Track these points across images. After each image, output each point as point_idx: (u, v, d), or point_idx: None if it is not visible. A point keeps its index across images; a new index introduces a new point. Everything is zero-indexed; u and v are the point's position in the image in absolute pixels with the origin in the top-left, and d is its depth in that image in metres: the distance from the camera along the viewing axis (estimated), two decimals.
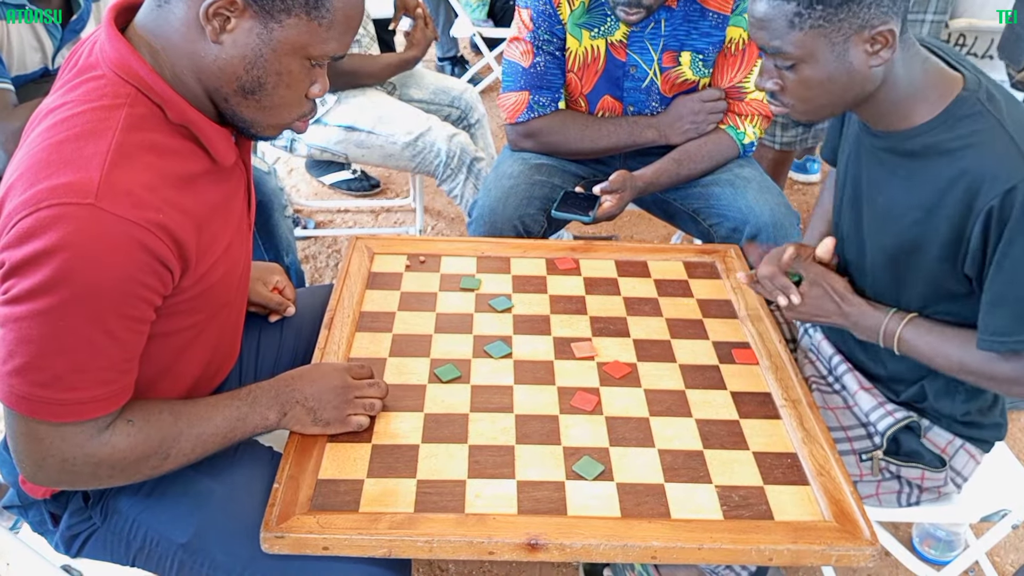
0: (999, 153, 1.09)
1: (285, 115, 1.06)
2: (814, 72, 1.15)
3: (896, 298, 1.28)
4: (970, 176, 1.11)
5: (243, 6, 0.96)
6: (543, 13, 1.81)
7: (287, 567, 1.08)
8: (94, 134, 0.94)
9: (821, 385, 1.43)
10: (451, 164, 2.33)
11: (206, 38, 0.97)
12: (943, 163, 1.15)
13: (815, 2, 1.09)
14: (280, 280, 1.47)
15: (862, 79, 1.15)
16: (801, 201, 3.23)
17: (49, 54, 1.73)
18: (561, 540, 1.05)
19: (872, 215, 1.29)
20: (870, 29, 1.10)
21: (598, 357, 1.39)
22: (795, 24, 1.11)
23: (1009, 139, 1.10)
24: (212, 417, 1.10)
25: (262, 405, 1.14)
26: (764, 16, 1.14)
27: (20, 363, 0.92)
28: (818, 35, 1.11)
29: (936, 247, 1.18)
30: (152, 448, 1.04)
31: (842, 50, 1.12)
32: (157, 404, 1.07)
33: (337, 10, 0.99)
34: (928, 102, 1.16)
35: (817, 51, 1.13)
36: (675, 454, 1.20)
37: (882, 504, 1.36)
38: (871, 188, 1.28)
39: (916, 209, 1.19)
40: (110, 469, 1.02)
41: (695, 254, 1.70)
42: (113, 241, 0.90)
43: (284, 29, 0.98)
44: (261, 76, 1.00)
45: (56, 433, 0.97)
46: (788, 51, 1.14)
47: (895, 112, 1.19)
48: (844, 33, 1.11)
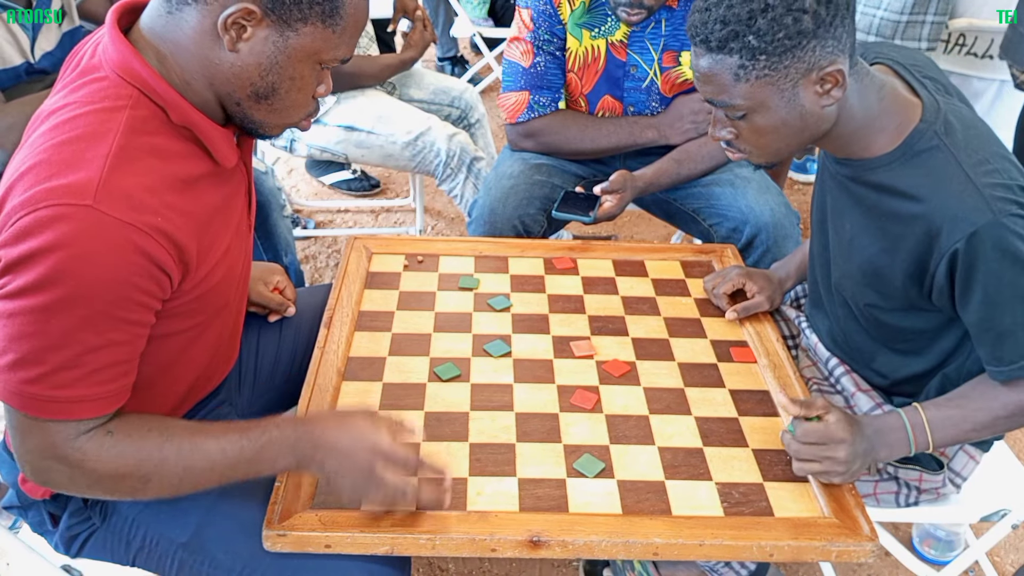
0: (957, 194, 1.08)
1: (294, 116, 1.07)
2: (766, 120, 1.13)
3: (874, 316, 1.28)
4: (930, 219, 1.10)
5: (261, 16, 0.96)
6: (543, 13, 1.82)
7: (287, 565, 1.08)
8: (96, 136, 0.94)
9: (823, 386, 1.43)
10: (451, 164, 2.33)
11: (221, 45, 0.98)
12: (904, 202, 1.14)
13: (758, 52, 1.07)
14: (280, 280, 1.47)
15: (816, 120, 1.13)
16: (801, 201, 3.23)
17: (26, 47, 1.72)
18: (563, 537, 1.05)
19: (838, 240, 1.29)
20: (818, 71, 1.08)
21: (597, 356, 1.39)
22: (740, 76, 1.09)
23: (966, 178, 1.09)
24: (208, 451, 1.01)
25: (273, 451, 1.03)
26: (708, 71, 1.11)
27: (13, 358, 0.92)
28: (765, 84, 1.09)
29: (901, 275, 1.18)
30: (127, 468, 0.99)
31: (791, 95, 1.10)
32: (147, 422, 1.02)
33: (349, 16, 1.01)
34: (886, 132, 1.15)
35: (767, 100, 1.10)
36: (675, 451, 1.20)
37: (880, 504, 1.36)
38: (836, 214, 1.29)
39: (880, 239, 1.19)
40: (85, 478, 0.99)
41: (692, 253, 1.71)
42: (109, 243, 0.90)
43: (300, 37, 0.99)
44: (275, 82, 1.01)
45: (39, 429, 0.96)
46: (736, 103, 1.11)
47: (854, 143, 1.18)
48: (791, 79, 1.09)
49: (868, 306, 1.27)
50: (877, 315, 1.27)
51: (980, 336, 1.14)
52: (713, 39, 1.09)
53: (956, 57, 2.27)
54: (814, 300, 1.45)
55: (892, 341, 1.30)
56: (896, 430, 1.17)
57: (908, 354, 1.29)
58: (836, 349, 1.41)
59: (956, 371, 1.27)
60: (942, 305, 1.17)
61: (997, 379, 1.15)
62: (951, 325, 1.23)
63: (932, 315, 1.22)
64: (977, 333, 1.14)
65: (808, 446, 1.13)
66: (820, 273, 1.38)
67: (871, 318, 1.28)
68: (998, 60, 2.15)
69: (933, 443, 1.16)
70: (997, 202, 1.07)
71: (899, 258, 1.17)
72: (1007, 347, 1.12)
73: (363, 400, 1.27)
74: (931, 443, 1.16)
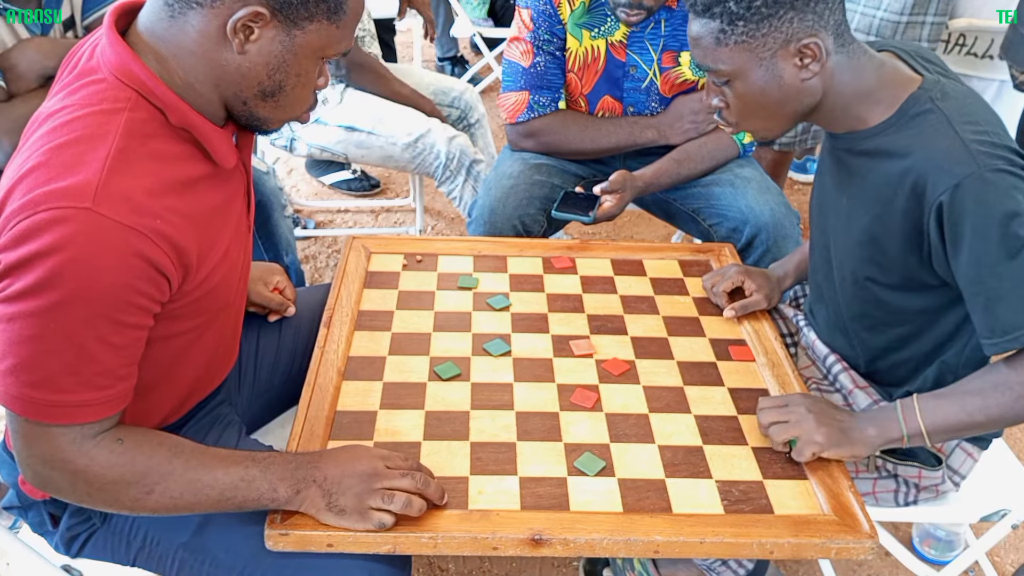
0: (943, 148, 1.10)
1: (297, 110, 1.08)
2: (746, 88, 1.18)
3: (873, 294, 1.27)
4: (916, 172, 1.12)
5: (269, 17, 0.97)
6: (543, 13, 1.82)
7: (287, 564, 1.08)
8: (94, 138, 0.94)
9: (822, 385, 1.43)
10: (450, 166, 2.33)
11: (228, 48, 0.98)
12: (893, 162, 1.16)
13: (736, 18, 1.12)
14: (281, 280, 1.47)
15: (796, 92, 1.17)
16: (801, 201, 3.23)
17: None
18: (564, 535, 1.05)
19: (836, 217, 1.30)
20: (796, 43, 1.13)
21: (596, 355, 1.39)
22: (720, 40, 1.15)
23: (954, 134, 1.10)
24: (214, 468, 1.02)
25: (274, 474, 1.03)
26: (696, 35, 1.18)
27: (13, 363, 0.92)
28: (743, 50, 1.14)
29: (898, 241, 1.19)
30: (135, 476, 0.99)
31: (770, 64, 1.15)
32: (158, 435, 1.04)
33: (351, 10, 1.03)
34: (882, 104, 1.18)
35: (745, 66, 1.16)
36: (675, 450, 1.20)
37: (879, 503, 1.36)
38: (835, 192, 1.30)
39: (875, 206, 1.20)
40: (87, 485, 0.99)
41: (690, 252, 1.71)
42: (108, 246, 0.90)
43: (306, 35, 1.00)
44: (282, 80, 1.02)
45: (44, 434, 0.96)
46: (719, 68, 1.17)
47: (848, 116, 1.20)
48: (769, 48, 1.14)
49: (868, 280, 1.26)
50: (877, 292, 1.27)
51: (972, 302, 1.12)
52: (699, 3, 1.15)
53: (956, 57, 2.28)
54: (815, 292, 1.45)
55: (891, 324, 1.29)
56: (885, 409, 1.19)
57: (906, 339, 1.29)
58: (834, 341, 1.41)
59: (955, 357, 1.26)
60: (942, 271, 1.16)
61: (991, 352, 1.11)
62: (951, 306, 1.22)
63: (932, 293, 1.22)
64: (970, 299, 1.12)
65: (772, 409, 1.20)
66: (820, 258, 1.38)
67: (871, 299, 1.28)
68: (998, 60, 2.16)
69: (926, 430, 1.14)
70: (983, 156, 1.07)
71: (893, 221, 1.17)
72: (999, 313, 1.08)
73: (363, 399, 1.27)
74: (923, 429, 1.14)
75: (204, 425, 1.25)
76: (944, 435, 1.17)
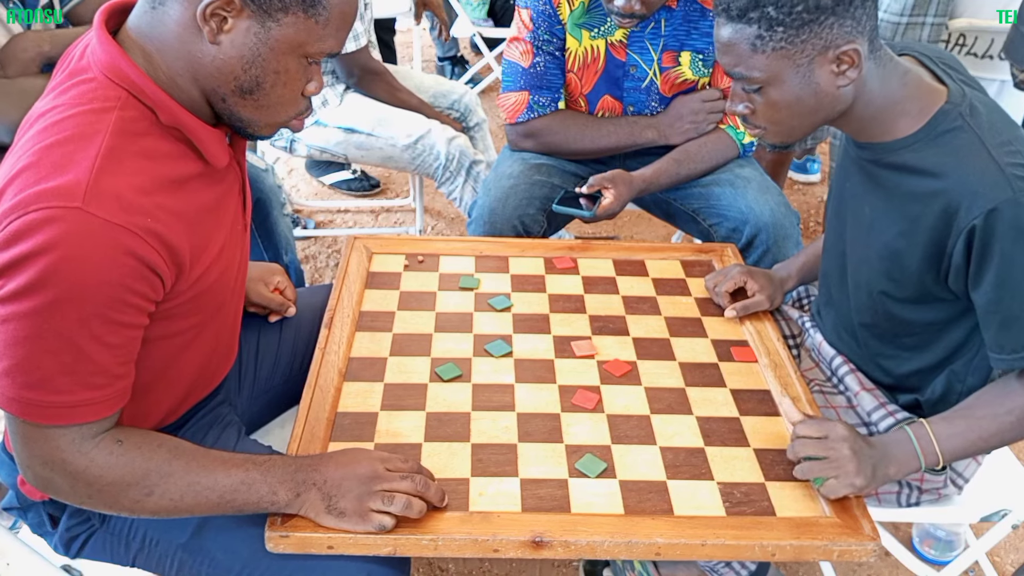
0: (979, 171, 1.09)
1: (282, 113, 1.06)
2: (781, 95, 1.15)
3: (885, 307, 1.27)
4: (950, 194, 1.11)
5: (240, 6, 0.95)
6: (543, 13, 1.82)
7: (286, 565, 1.08)
8: (84, 138, 0.93)
9: (826, 387, 1.43)
10: (450, 167, 2.33)
11: (203, 39, 0.97)
12: (924, 180, 1.15)
13: (775, 24, 1.09)
14: (281, 280, 1.47)
15: (831, 99, 1.15)
16: (801, 201, 3.23)
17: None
18: (565, 537, 1.05)
19: (856, 227, 1.29)
20: (834, 49, 1.10)
21: (598, 356, 1.39)
22: (757, 47, 1.11)
23: (988, 156, 1.09)
24: (214, 470, 1.02)
25: (274, 477, 1.03)
26: (728, 40, 1.14)
27: (8, 364, 0.92)
28: (781, 57, 1.11)
29: (918, 258, 1.18)
30: (134, 477, 0.99)
31: (807, 71, 1.12)
32: (158, 437, 1.04)
33: (333, 7, 1.00)
34: (909, 115, 1.16)
35: (782, 73, 1.12)
36: (676, 451, 1.20)
37: (881, 504, 1.36)
38: (855, 200, 1.29)
39: (900, 221, 1.19)
40: (87, 487, 0.99)
41: (692, 253, 1.71)
42: (100, 245, 0.90)
43: (282, 28, 0.98)
44: (259, 75, 1.00)
45: (42, 435, 0.96)
46: (753, 75, 1.14)
47: (874, 126, 1.19)
48: (808, 54, 1.10)
49: (881, 294, 1.26)
50: (889, 306, 1.27)
51: (987, 319, 1.13)
52: (734, 8, 1.11)
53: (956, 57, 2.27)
54: (824, 295, 1.45)
55: (901, 335, 1.29)
56: (902, 443, 1.16)
57: (915, 349, 1.29)
58: (842, 344, 1.41)
59: (963, 367, 1.26)
60: (957, 289, 1.16)
61: (1000, 367, 1.14)
62: (961, 318, 1.22)
63: (943, 306, 1.22)
64: (984, 315, 1.13)
65: (810, 441, 1.13)
66: (834, 264, 1.37)
67: (882, 310, 1.28)
68: (998, 60, 2.15)
69: (942, 456, 1.15)
70: (1018, 181, 1.07)
71: (918, 239, 1.17)
72: (1012, 332, 1.11)
73: (364, 400, 1.27)
74: (940, 456, 1.15)
75: (203, 425, 1.24)
76: (959, 459, 1.19)
